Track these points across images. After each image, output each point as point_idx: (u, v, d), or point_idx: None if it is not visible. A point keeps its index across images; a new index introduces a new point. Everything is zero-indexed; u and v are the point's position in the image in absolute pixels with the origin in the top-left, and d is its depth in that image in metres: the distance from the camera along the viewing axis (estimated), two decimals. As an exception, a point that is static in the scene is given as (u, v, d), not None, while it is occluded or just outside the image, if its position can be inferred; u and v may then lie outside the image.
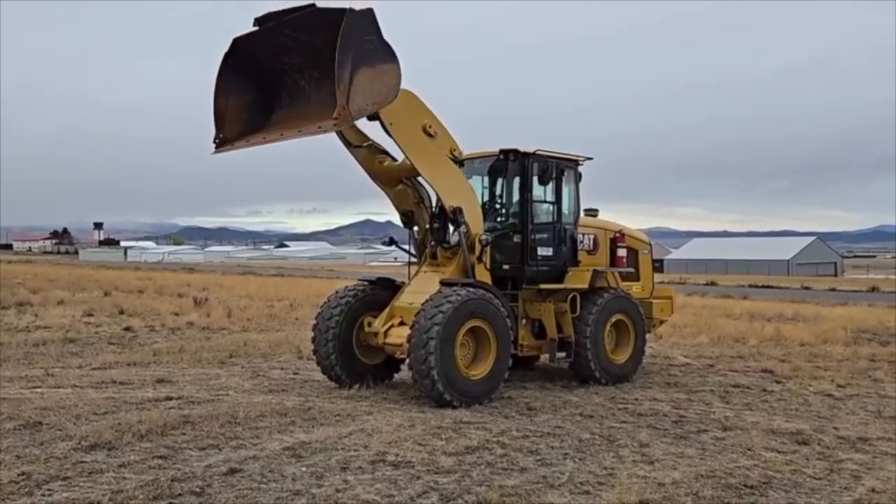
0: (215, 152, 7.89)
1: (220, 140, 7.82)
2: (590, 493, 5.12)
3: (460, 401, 7.66)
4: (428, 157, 8.24)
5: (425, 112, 8.23)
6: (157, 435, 6.29)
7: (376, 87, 7.07)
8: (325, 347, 8.61)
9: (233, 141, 7.80)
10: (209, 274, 45.08)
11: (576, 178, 9.87)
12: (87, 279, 31.88)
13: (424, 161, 8.22)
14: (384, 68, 7.12)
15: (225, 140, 7.82)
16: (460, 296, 7.78)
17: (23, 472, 5.25)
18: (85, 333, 13.40)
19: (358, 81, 6.86)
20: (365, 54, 6.95)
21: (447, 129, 8.41)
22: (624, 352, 9.68)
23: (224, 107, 7.72)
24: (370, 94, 7.02)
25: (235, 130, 7.80)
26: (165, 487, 4.99)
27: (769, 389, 9.18)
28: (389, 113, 7.83)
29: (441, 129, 8.33)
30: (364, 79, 6.93)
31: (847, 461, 6.02)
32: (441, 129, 8.33)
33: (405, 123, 8.03)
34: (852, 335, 14.86)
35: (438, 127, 8.29)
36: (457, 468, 5.57)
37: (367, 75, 6.97)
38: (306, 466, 5.54)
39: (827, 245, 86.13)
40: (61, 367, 9.82)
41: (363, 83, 6.92)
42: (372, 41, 7.01)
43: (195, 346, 11.80)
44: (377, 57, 7.06)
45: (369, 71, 6.99)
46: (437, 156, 8.37)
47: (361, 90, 6.91)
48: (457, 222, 8.38)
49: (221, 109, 7.73)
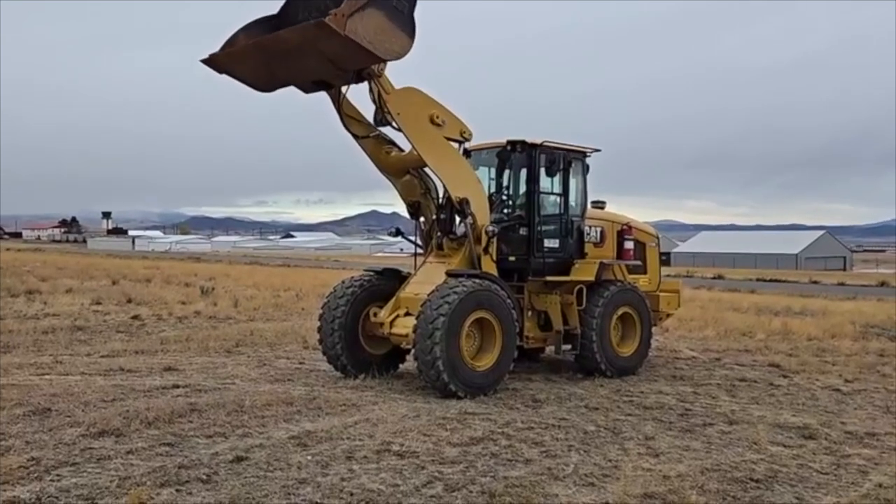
0: (202, 60, 7.59)
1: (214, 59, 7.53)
2: (594, 485, 5.12)
3: (465, 392, 7.67)
4: (435, 147, 8.22)
5: (431, 102, 8.21)
6: (165, 422, 6.33)
7: (380, 35, 6.91)
8: (331, 337, 8.64)
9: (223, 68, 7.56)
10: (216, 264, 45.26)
11: (583, 169, 9.83)
12: (95, 268, 32.07)
13: (432, 152, 8.19)
14: (397, 31, 7.04)
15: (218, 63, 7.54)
16: (466, 287, 7.78)
17: (32, 457, 5.30)
18: (93, 321, 13.49)
19: (368, 15, 6.76)
20: (389, 5, 6.92)
21: (454, 114, 8.39)
22: (630, 344, 9.66)
23: (240, 43, 7.46)
24: (370, 33, 6.81)
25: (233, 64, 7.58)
26: (172, 474, 5.02)
27: (776, 384, 9.14)
28: (396, 103, 7.81)
29: (448, 116, 8.31)
30: (374, 19, 6.80)
31: (854, 456, 5.99)
32: (448, 115, 8.31)
33: (412, 113, 8.01)
34: (861, 330, 14.77)
35: (445, 114, 8.27)
36: (461, 459, 5.58)
37: (379, 20, 6.85)
38: (312, 455, 5.56)
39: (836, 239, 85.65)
40: (70, 355, 9.89)
41: (371, 20, 6.78)
42: (403, 4, 7.02)
43: (202, 335, 11.86)
44: (397, 18, 7.01)
45: (383, 19, 6.88)
46: (445, 147, 8.35)
47: (366, 22, 6.75)
48: (463, 213, 8.36)
49: (237, 42, 7.46)
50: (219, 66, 7.58)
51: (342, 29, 6.58)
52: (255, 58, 7.46)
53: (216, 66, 7.57)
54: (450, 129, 8.33)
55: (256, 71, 7.67)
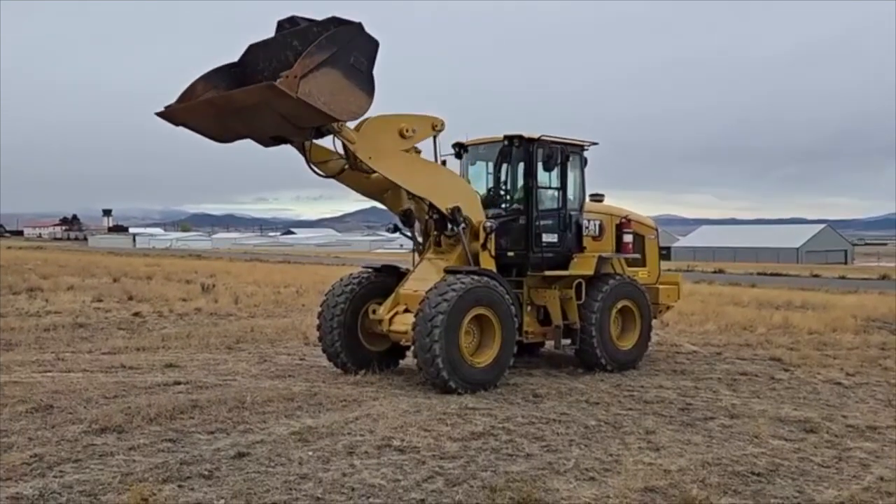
0: (157, 113, 7.42)
1: (170, 112, 7.35)
2: (595, 479, 5.13)
3: (465, 388, 7.67)
4: (412, 173, 8.22)
5: (393, 121, 7.96)
6: (166, 419, 6.34)
7: (337, 95, 6.65)
8: (331, 334, 8.64)
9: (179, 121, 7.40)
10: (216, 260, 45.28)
11: (581, 163, 9.80)
12: (96, 265, 32.10)
13: (410, 178, 8.21)
14: (354, 90, 6.78)
15: (174, 116, 7.36)
16: (465, 283, 7.78)
17: (35, 453, 5.32)
18: (94, 319, 13.51)
19: (323, 74, 6.49)
20: (346, 63, 6.66)
21: (418, 115, 8.21)
22: (630, 338, 9.66)
23: (198, 93, 7.30)
24: (325, 94, 6.56)
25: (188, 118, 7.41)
26: (174, 470, 5.04)
27: (777, 377, 9.14)
28: (364, 148, 7.63)
29: (414, 120, 8.13)
30: (329, 78, 6.56)
31: (855, 449, 5.99)
32: (414, 119, 8.13)
33: (383, 149, 7.84)
34: (862, 323, 14.76)
35: (411, 121, 8.09)
36: (462, 454, 5.60)
37: (335, 79, 6.61)
38: (313, 451, 5.58)
39: (837, 233, 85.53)
40: (72, 352, 9.91)
41: (326, 80, 6.54)
42: (360, 62, 6.77)
43: (203, 332, 11.88)
44: (354, 76, 6.75)
45: (339, 77, 6.63)
46: (420, 166, 8.37)
47: (320, 83, 6.50)
48: (456, 221, 8.38)
49: (195, 93, 7.29)
50: (174, 120, 7.38)
51: (294, 92, 6.31)
52: (210, 113, 7.27)
53: (172, 119, 7.37)
54: (421, 132, 8.20)
55: (212, 125, 7.46)
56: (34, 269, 26.88)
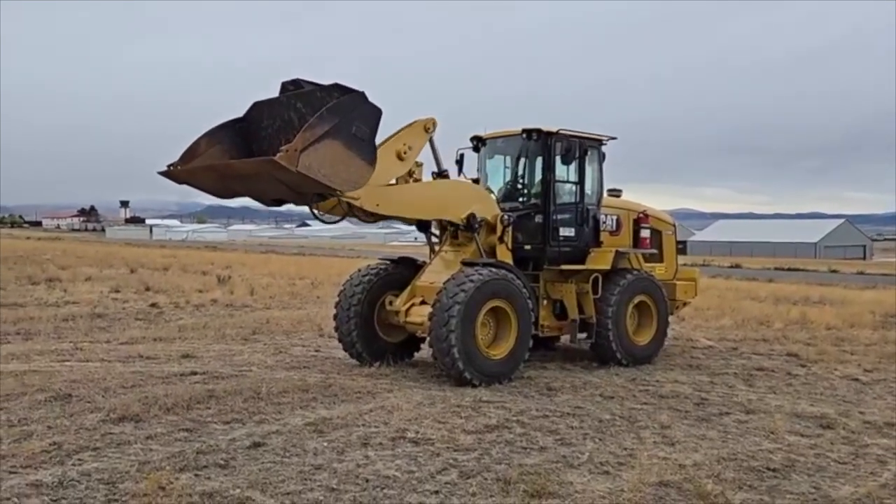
0: (160, 172, 7.37)
1: (173, 174, 7.27)
2: (609, 473, 5.12)
3: (480, 380, 7.69)
4: (423, 201, 8.34)
5: (388, 147, 7.74)
6: (183, 408, 6.41)
7: (337, 166, 6.56)
8: (347, 325, 8.68)
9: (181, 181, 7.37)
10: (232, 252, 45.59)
11: (599, 158, 9.74)
12: (113, 256, 32.45)
13: (424, 208, 8.37)
14: (355, 160, 6.67)
15: (177, 177, 7.30)
16: (482, 275, 7.78)
17: (54, 442, 5.39)
18: (112, 309, 13.67)
19: (324, 147, 6.41)
20: (347, 133, 6.58)
21: (407, 127, 8.01)
22: (646, 333, 9.61)
23: (202, 150, 7.24)
24: (325, 166, 6.47)
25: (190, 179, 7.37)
26: (191, 459, 5.09)
27: (794, 373, 9.06)
28: (369, 201, 7.61)
29: (406, 135, 7.96)
30: (331, 150, 6.47)
31: (873, 446, 5.94)
32: (405, 134, 7.95)
33: (388, 192, 7.83)
34: (880, 319, 14.59)
35: (403, 137, 7.93)
36: (476, 446, 5.61)
37: (336, 150, 6.51)
38: (328, 442, 5.61)
39: (856, 228, 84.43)
40: (90, 342, 10.04)
41: (328, 152, 6.45)
42: (363, 132, 6.70)
43: (219, 323, 11.98)
44: (356, 146, 6.64)
45: (341, 148, 6.54)
46: (428, 191, 8.44)
47: (321, 155, 6.41)
48: (472, 228, 8.41)
49: (198, 150, 7.23)
50: (177, 179, 7.34)
51: (294, 166, 6.25)
52: (212, 177, 7.27)
53: (175, 178, 7.32)
54: (416, 144, 8.05)
55: (214, 186, 7.45)
56: (53, 260, 27.24)
